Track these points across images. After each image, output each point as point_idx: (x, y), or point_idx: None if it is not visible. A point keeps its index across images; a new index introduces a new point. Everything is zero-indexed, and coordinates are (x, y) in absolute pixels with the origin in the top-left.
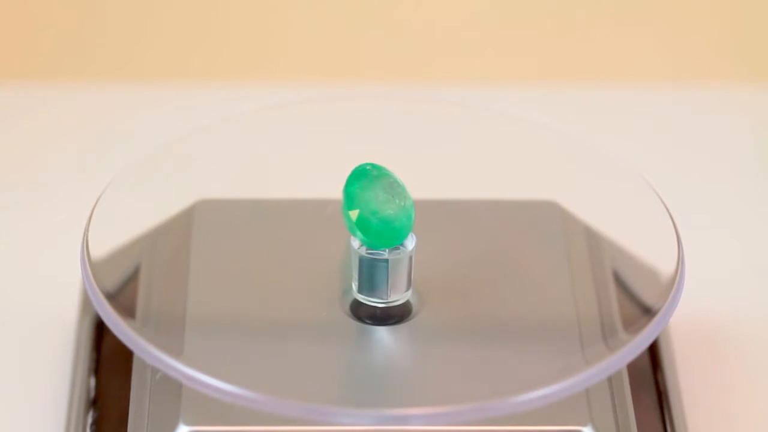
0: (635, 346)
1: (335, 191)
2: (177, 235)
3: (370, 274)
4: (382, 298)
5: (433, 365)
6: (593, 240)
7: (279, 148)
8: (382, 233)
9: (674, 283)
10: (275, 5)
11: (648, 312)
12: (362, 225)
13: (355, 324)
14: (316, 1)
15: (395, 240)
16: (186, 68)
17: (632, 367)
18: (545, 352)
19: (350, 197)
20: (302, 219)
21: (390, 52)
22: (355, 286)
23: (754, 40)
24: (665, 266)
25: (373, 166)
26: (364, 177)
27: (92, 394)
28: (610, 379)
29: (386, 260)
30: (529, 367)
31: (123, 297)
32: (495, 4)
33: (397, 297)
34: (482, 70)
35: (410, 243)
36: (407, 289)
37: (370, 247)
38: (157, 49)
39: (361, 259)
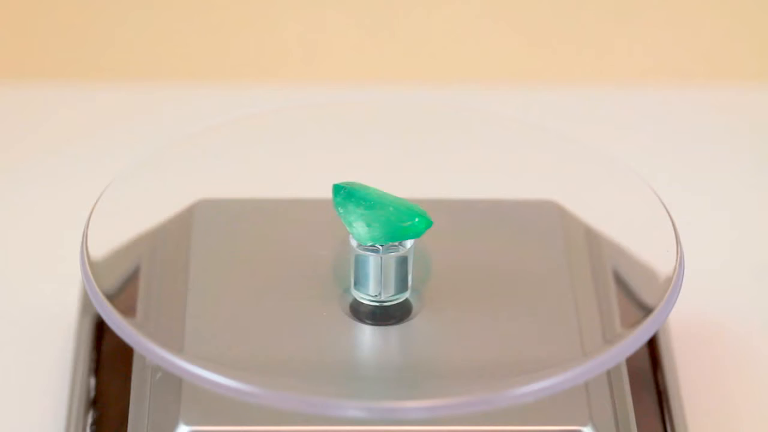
0: (634, 339)
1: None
2: (177, 235)
3: (373, 270)
4: (400, 292)
5: (432, 364)
6: (593, 240)
7: (279, 148)
8: (422, 216)
9: (673, 277)
10: (277, 7)
11: (648, 311)
12: (405, 215)
13: (354, 324)
14: (316, 3)
15: (429, 219)
16: (186, 69)
17: (632, 367)
18: (545, 351)
19: (367, 200)
20: (302, 219)
21: (390, 53)
22: (373, 288)
23: (754, 40)
24: (664, 266)
25: (345, 183)
26: (356, 188)
27: (92, 394)
28: (610, 379)
29: (405, 256)
30: (529, 365)
31: (123, 297)
32: (495, 4)
33: (398, 295)
34: (481, 70)
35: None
36: (408, 287)
37: (414, 235)
38: (158, 50)
39: (360, 258)
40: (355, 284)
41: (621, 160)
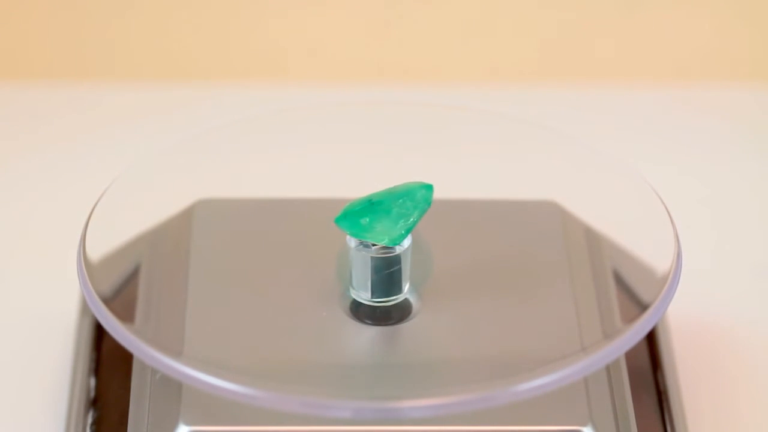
0: (632, 335)
1: (335, 191)
2: (177, 235)
3: (377, 272)
4: (394, 295)
5: (432, 364)
6: (593, 240)
7: (279, 148)
8: (426, 186)
9: (670, 271)
10: (277, 7)
11: (647, 308)
12: (428, 191)
13: (354, 324)
14: (316, 3)
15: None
16: (187, 69)
17: (632, 367)
18: (545, 351)
19: (398, 199)
20: (302, 219)
21: (390, 53)
22: (359, 288)
23: (754, 40)
24: (664, 264)
25: (354, 205)
26: (377, 199)
27: (92, 394)
28: (610, 379)
29: (405, 255)
30: (529, 364)
31: (122, 298)
32: (495, 4)
33: (397, 295)
34: (482, 70)
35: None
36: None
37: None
38: (159, 50)
39: (362, 260)
40: (355, 285)
41: (621, 160)
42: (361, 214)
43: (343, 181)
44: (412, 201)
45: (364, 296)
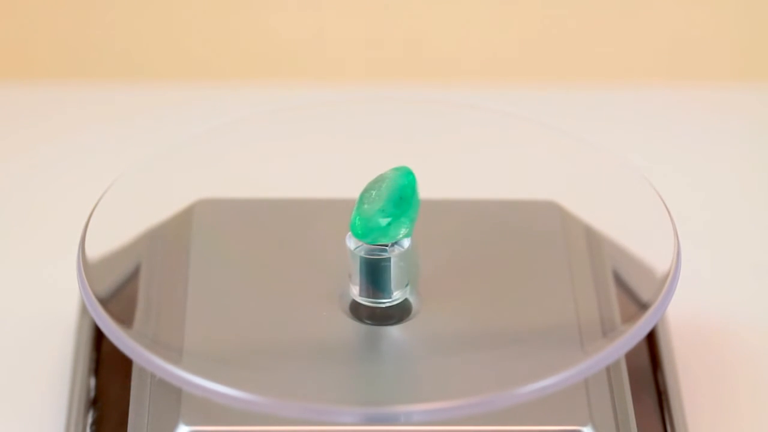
0: (632, 335)
1: (335, 191)
2: (177, 235)
3: (373, 273)
4: (387, 297)
5: (432, 365)
6: (593, 240)
7: (279, 148)
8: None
9: (670, 272)
10: (277, 7)
11: (647, 308)
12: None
13: (354, 324)
14: (315, 3)
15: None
16: (186, 69)
17: (632, 367)
18: (545, 351)
19: (404, 193)
20: (302, 219)
21: (390, 53)
22: (355, 289)
23: (754, 40)
24: (664, 264)
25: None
26: (394, 197)
27: (92, 394)
28: (610, 379)
29: (405, 255)
30: (529, 365)
31: (122, 298)
32: (494, 3)
33: (397, 296)
34: (482, 70)
35: (406, 240)
36: (406, 287)
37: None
38: (158, 50)
39: (362, 260)
40: (358, 287)
41: (621, 160)
42: (399, 215)
43: (343, 180)
44: (415, 187)
45: (384, 297)
